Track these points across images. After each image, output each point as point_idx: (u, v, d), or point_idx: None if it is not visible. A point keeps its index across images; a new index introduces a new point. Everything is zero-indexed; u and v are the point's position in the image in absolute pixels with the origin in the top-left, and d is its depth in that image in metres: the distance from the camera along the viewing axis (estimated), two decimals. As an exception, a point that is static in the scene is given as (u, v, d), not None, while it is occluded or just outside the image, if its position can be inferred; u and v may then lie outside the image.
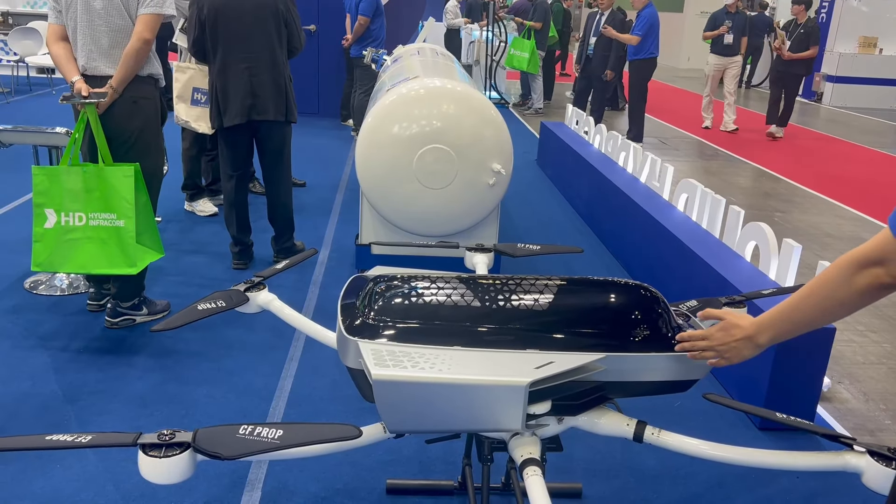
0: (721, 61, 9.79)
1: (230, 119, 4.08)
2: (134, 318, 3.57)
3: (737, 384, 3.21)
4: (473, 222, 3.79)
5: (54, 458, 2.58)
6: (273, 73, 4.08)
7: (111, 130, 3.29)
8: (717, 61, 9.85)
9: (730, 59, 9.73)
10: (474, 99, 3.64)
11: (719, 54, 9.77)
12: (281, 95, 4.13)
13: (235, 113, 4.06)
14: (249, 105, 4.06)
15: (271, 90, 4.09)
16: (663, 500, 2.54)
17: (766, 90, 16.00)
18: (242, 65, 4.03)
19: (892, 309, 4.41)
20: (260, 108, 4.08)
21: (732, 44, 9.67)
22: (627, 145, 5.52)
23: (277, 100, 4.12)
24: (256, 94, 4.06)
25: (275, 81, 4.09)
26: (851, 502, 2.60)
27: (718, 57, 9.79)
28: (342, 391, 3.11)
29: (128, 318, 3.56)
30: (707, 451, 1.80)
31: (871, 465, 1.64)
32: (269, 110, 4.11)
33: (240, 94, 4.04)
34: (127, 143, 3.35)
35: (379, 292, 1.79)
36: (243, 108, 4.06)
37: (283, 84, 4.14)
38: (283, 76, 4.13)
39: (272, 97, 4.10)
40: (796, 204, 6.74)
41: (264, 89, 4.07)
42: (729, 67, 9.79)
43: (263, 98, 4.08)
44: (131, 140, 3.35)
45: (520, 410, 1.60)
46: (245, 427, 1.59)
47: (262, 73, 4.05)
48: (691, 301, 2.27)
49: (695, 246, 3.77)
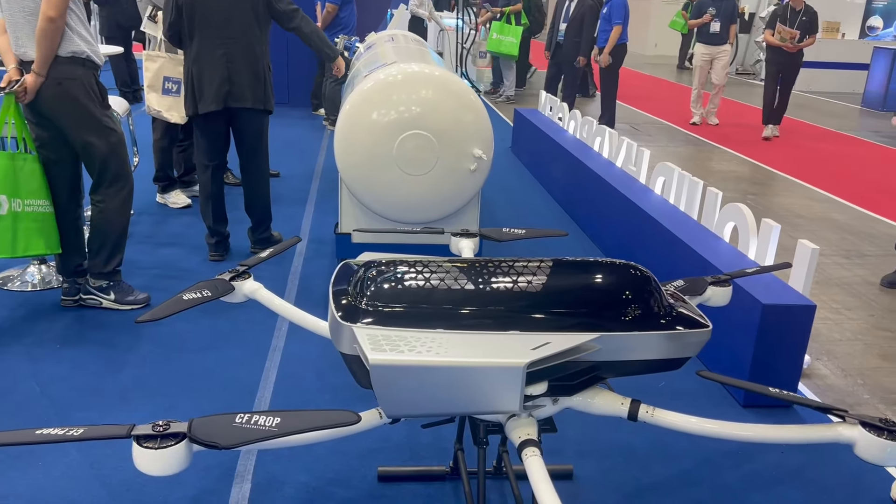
0: (709, 51, 9.32)
1: (205, 105, 4.00)
2: (100, 301, 3.61)
3: (720, 363, 3.25)
4: (455, 208, 3.78)
5: (35, 455, 2.52)
6: (251, 59, 4.01)
7: (45, 114, 3.33)
8: (704, 51, 9.37)
9: (718, 48, 9.26)
10: (454, 84, 3.62)
11: (706, 43, 9.32)
12: (259, 83, 4.06)
13: (211, 99, 3.98)
14: (226, 91, 3.99)
15: (249, 77, 4.02)
16: (653, 479, 2.56)
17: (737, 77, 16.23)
18: (219, 51, 3.95)
19: (865, 287, 4.50)
20: (237, 94, 4.01)
21: (720, 32, 9.20)
22: (602, 130, 5.54)
23: (255, 87, 4.05)
24: (233, 81, 3.99)
25: (252, 68, 4.02)
26: (836, 474, 2.65)
27: (706, 46, 9.34)
28: (328, 380, 3.09)
29: (94, 298, 3.61)
30: (703, 428, 1.81)
31: (864, 436, 1.66)
32: (246, 97, 4.04)
33: (216, 81, 3.97)
34: (64, 126, 3.34)
35: (371, 278, 1.77)
36: (219, 95, 3.98)
37: (262, 72, 4.07)
38: (261, 63, 4.06)
39: (250, 84, 4.03)
40: (767, 186, 6.83)
41: (241, 76, 4.00)
42: (717, 57, 9.31)
43: (240, 85, 4.01)
44: (67, 122, 3.33)
45: (517, 392, 1.60)
46: (241, 416, 1.56)
47: (239, 60, 3.98)
48: (678, 281, 2.29)
49: (675, 228, 3.80)
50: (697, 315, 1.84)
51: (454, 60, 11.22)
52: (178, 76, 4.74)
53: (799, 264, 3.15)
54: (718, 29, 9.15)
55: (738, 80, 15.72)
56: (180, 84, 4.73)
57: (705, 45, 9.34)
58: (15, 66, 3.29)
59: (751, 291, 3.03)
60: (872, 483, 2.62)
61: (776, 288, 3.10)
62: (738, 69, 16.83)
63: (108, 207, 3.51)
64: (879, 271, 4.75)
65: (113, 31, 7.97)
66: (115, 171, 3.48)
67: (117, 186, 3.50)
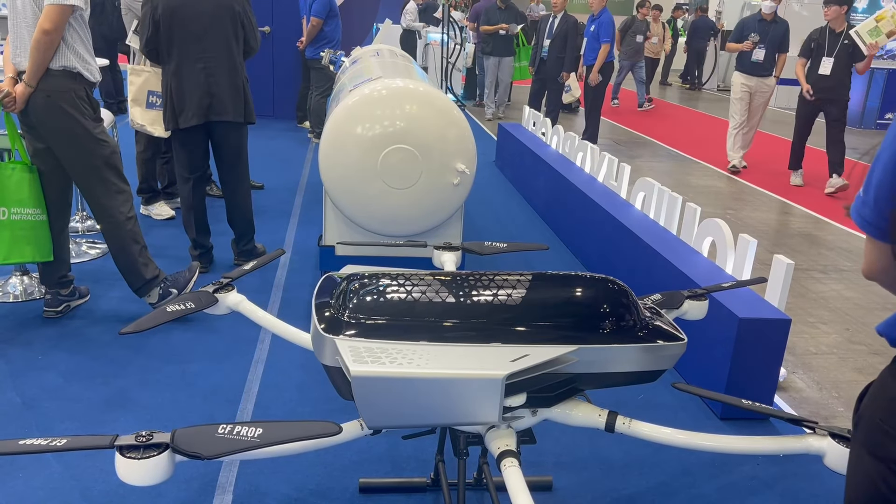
0: (749, 82, 7.60)
1: (186, 120, 4.02)
2: (70, 304, 3.72)
3: (697, 376, 3.30)
4: (438, 222, 3.81)
5: (17, 466, 2.51)
6: (230, 73, 4.04)
7: (34, 125, 3.36)
8: (744, 81, 7.62)
9: (759, 80, 7.57)
10: (438, 99, 3.66)
11: (747, 73, 7.59)
12: (239, 96, 4.09)
13: (192, 113, 4.00)
14: (207, 105, 4.01)
15: (229, 90, 4.05)
16: (632, 490, 2.60)
17: (711, 92, 16.44)
18: (199, 65, 3.98)
19: (840, 301, 4.58)
20: (217, 108, 4.04)
21: (763, 61, 7.50)
22: (585, 146, 5.61)
23: (236, 100, 4.08)
24: (214, 94, 4.02)
25: (232, 81, 4.05)
26: (810, 486, 2.69)
27: (746, 77, 7.60)
28: (310, 393, 3.10)
29: (66, 304, 3.69)
30: (676, 439, 1.85)
31: (833, 447, 1.71)
32: (227, 110, 4.06)
33: (196, 95, 3.99)
34: (52, 138, 3.37)
35: (354, 290, 1.80)
36: (200, 109, 4.00)
37: (241, 84, 4.10)
38: (240, 77, 4.09)
39: (230, 97, 4.05)
40: (746, 202, 6.93)
41: (222, 89, 4.03)
42: (758, 91, 7.63)
43: (221, 98, 4.03)
44: (54, 134, 3.35)
45: (497, 403, 1.63)
46: (224, 426, 1.58)
47: (219, 73, 4.01)
48: (655, 295, 2.33)
49: (653, 242, 3.86)
50: (673, 328, 1.88)
51: (439, 75, 11.31)
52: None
53: (775, 279, 3.21)
54: (762, 58, 7.50)
55: (720, 96, 15.93)
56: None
57: (745, 76, 7.62)
58: (12, 76, 3.31)
59: (727, 305, 3.09)
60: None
61: (752, 302, 3.15)
62: (719, 86, 17.05)
63: (118, 221, 3.50)
64: (855, 286, 4.84)
65: (98, 42, 7.97)
66: (114, 182, 3.49)
67: (122, 198, 3.52)
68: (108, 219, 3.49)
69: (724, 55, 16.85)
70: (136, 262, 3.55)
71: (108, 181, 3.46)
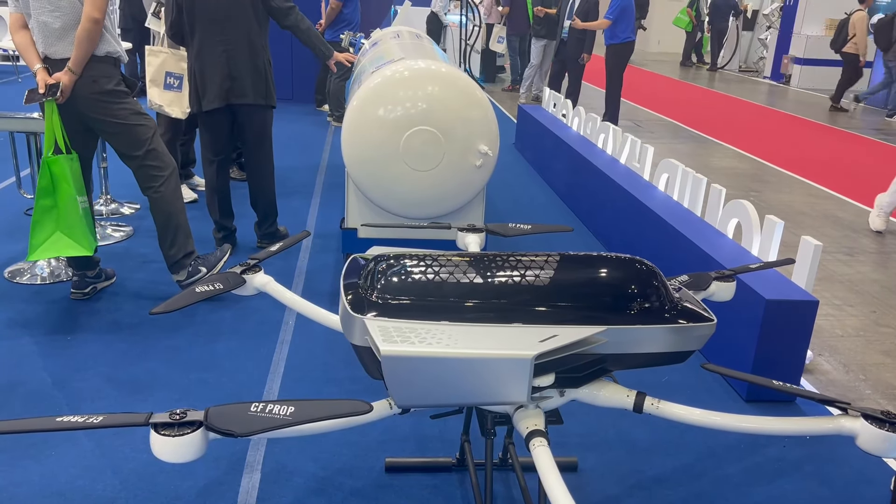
0: None
1: (209, 102, 4.04)
2: (97, 286, 3.75)
3: (724, 357, 3.28)
4: (460, 204, 3.80)
5: (49, 445, 2.56)
6: (251, 55, 4.04)
7: (80, 113, 3.37)
8: None
9: None
10: (460, 80, 3.64)
11: None
12: (260, 78, 4.09)
13: (214, 96, 4.03)
14: (227, 88, 4.03)
15: (250, 73, 4.05)
16: (657, 471, 2.60)
17: (740, 74, 16.22)
18: (220, 47, 3.99)
19: (867, 284, 4.53)
20: (238, 90, 4.05)
21: None
22: (606, 127, 5.57)
23: (256, 82, 4.08)
24: (234, 77, 4.03)
25: (253, 64, 4.06)
26: (837, 467, 2.68)
27: None
28: (335, 373, 3.12)
29: (92, 286, 3.72)
30: (706, 420, 1.84)
31: (866, 428, 1.70)
32: (247, 93, 4.07)
33: (217, 77, 4.01)
34: (101, 122, 3.40)
35: (381, 271, 1.81)
36: (221, 91, 4.02)
37: (263, 67, 4.10)
38: (261, 59, 4.09)
39: (251, 80, 4.06)
40: (769, 183, 6.86)
41: (242, 72, 4.03)
42: None
43: (241, 81, 4.04)
44: (103, 119, 3.39)
45: (525, 383, 1.63)
46: (256, 405, 1.59)
47: (239, 56, 4.01)
48: (682, 276, 2.32)
49: (678, 224, 3.83)
50: (702, 309, 1.87)
51: (457, 56, 11.25)
52: (179, 71, 4.78)
53: (802, 260, 3.18)
54: None
55: (742, 77, 15.73)
56: (182, 79, 4.78)
57: None
58: (41, 65, 3.28)
59: (754, 287, 3.06)
60: (872, 476, 2.65)
61: (779, 284, 3.13)
62: (741, 66, 16.83)
63: (165, 193, 3.56)
64: (882, 268, 4.78)
65: (128, 23, 8.00)
66: (161, 155, 3.56)
67: (168, 171, 3.58)
68: (156, 190, 3.56)
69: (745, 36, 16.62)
70: (180, 233, 3.64)
71: (157, 154, 3.54)
